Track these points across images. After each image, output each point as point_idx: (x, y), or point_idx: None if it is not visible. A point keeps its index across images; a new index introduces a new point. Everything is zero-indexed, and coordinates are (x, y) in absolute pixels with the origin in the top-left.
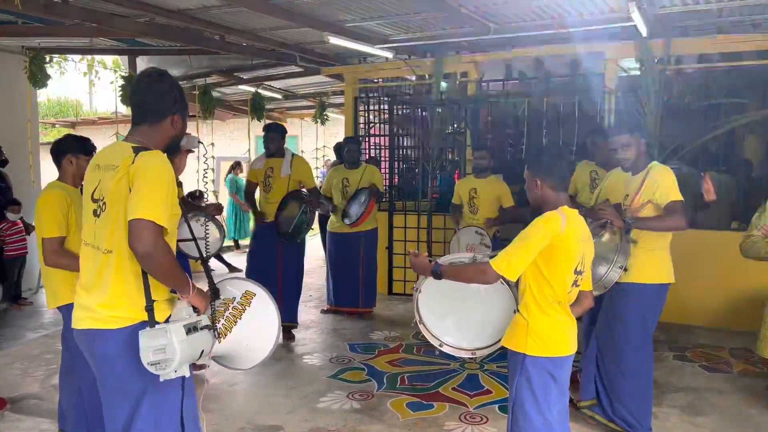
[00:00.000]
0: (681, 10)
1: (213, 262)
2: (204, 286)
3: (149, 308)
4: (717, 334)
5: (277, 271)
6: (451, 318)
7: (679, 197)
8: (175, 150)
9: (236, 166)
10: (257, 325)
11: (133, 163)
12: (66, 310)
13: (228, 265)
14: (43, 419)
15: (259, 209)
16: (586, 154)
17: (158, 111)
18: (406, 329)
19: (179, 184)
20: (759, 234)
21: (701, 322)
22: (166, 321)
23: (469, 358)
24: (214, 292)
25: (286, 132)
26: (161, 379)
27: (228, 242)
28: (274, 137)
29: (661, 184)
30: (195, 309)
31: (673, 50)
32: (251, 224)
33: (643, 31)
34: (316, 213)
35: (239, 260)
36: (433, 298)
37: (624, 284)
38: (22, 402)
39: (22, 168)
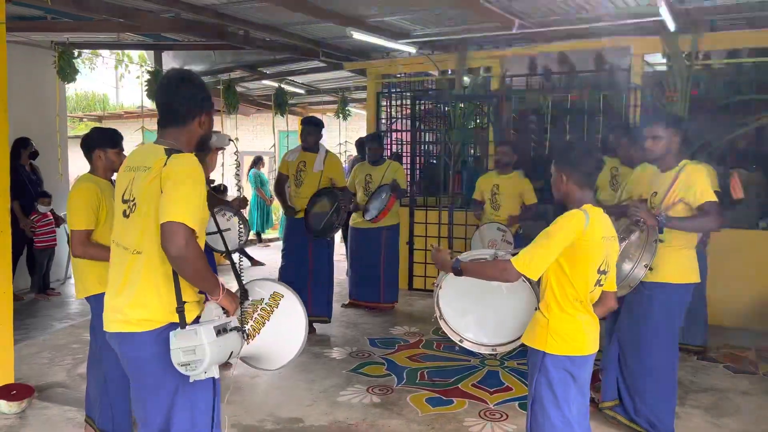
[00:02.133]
0: (709, 4)
1: (236, 256)
2: (230, 280)
3: (180, 310)
4: (743, 335)
5: (308, 267)
6: (472, 314)
7: (714, 198)
8: (205, 148)
9: (258, 161)
10: (285, 326)
11: (165, 165)
12: (94, 301)
13: (250, 258)
14: (69, 407)
15: (288, 203)
16: (608, 151)
17: (185, 114)
18: (426, 325)
19: (210, 181)
20: None
21: (727, 322)
22: (195, 321)
23: (489, 354)
24: (243, 294)
25: (323, 126)
26: (191, 380)
27: (251, 236)
28: (312, 131)
29: (695, 184)
30: (224, 310)
31: (700, 45)
32: (274, 218)
33: (671, 25)
34: (345, 213)
35: (262, 253)
36: (454, 294)
37: (649, 284)
38: (49, 390)
39: (51, 161)
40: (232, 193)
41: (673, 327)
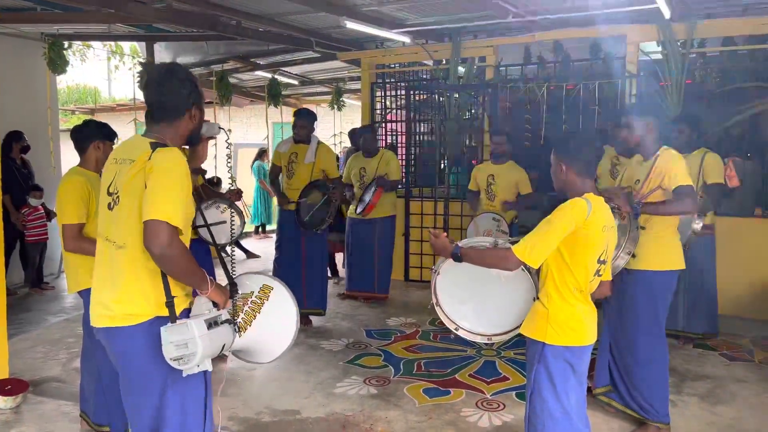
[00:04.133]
0: None
1: (230, 248)
2: (223, 275)
3: (170, 303)
4: (739, 323)
5: (301, 259)
6: (469, 302)
7: (688, 182)
8: (197, 139)
9: (262, 154)
10: (276, 318)
11: (149, 159)
12: (86, 295)
13: (246, 251)
14: (65, 402)
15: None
16: (607, 140)
17: (175, 109)
18: (423, 315)
19: (203, 172)
20: None
21: (723, 310)
22: (183, 313)
23: (485, 343)
24: (233, 287)
25: (315, 118)
26: (184, 374)
27: (251, 227)
28: (304, 123)
29: (670, 169)
30: (214, 304)
31: (696, 33)
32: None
33: (666, 13)
34: (337, 206)
35: (261, 245)
36: (452, 281)
37: (633, 271)
38: (44, 385)
39: (43, 154)
40: (225, 186)
41: (656, 314)
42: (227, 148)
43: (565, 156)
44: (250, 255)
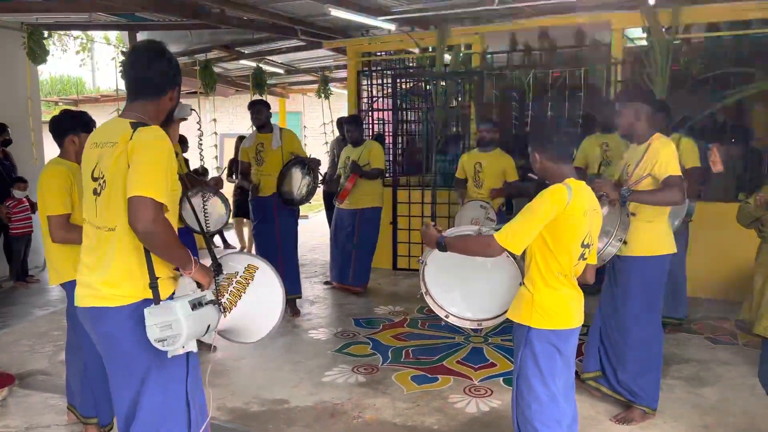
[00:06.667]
0: None
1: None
2: (208, 262)
3: (153, 285)
4: (722, 306)
5: (276, 244)
6: (457, 290)
7: (678, 172)
8: (169, 121)
9: None
10: (262, 297)
11: (131, 138)
12: (69, 287)
13: (224, 241)
14: (51, 394)
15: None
16: (594, 127)
17: (159, 87)
18: (411, 304)
19: (185, 161)
20: (753, 203)
21: (707, 293)
22: (170, 298)
23: (474, 329)
24: (217, 267)
25: (269, 106)
26: (169, 356)
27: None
28: (261, 108)
29: (661, 158)
30: (199, 285)
31: (680, 19)
32: None
33: None
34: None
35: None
36: (439, 270)
37: (625, 258)
38: (30, 378)
39: (25, 146)
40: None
41: (650, 299)
42: (198, 130)
43: (536, 145)
44: (227, 246)
